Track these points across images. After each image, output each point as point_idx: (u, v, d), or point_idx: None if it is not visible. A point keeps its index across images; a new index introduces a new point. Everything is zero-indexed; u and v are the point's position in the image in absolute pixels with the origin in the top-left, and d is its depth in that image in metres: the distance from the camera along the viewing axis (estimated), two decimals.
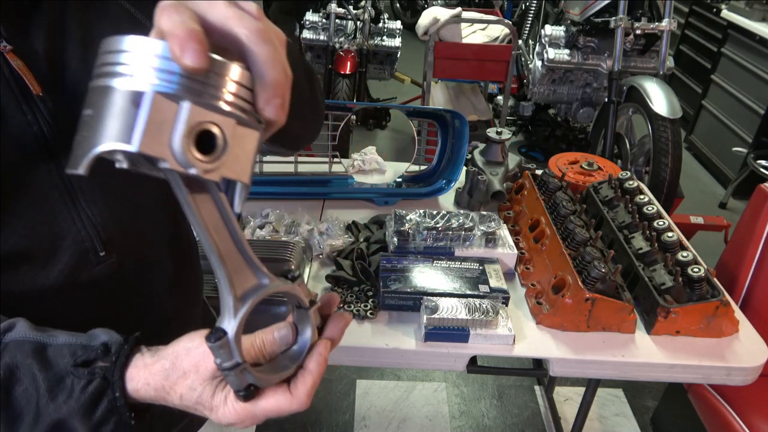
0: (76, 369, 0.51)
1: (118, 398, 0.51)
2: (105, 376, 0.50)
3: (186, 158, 0.37)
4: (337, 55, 3.01)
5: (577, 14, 2.92)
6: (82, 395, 0.50)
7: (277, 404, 0.49)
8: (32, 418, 0.51)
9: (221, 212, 0.43)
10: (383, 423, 1.95)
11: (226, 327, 0.45)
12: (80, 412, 0.50)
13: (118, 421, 0.52)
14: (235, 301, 0.45)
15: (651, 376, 1.11)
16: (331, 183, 1.52)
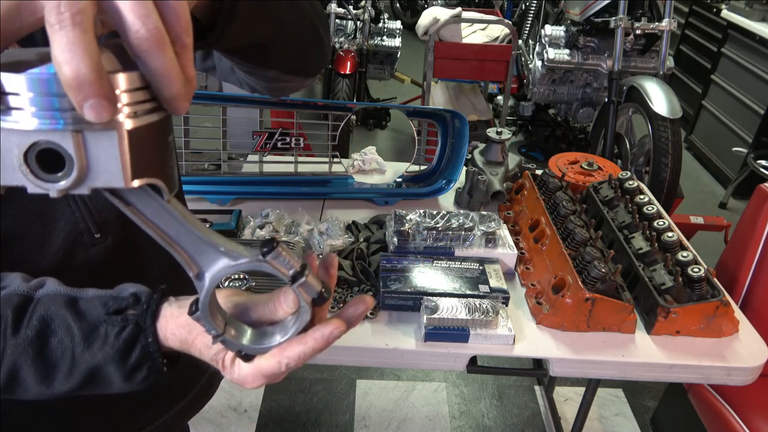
0: (109, 317, 0.52)
1: (151, 344, 0.52)
2: (138, 322, 0.52)
3: (36, 182, 0.36)
4: (337, 55, 3.01)
5: (577, 14, 2.92)
6: (116, 341, 0.52)
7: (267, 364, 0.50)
8: (68, 368, 0.52)
9: (160, 209, 0.42)
10: (383, 423, 1.95)
11: (200, 300, 0.46)
12: (115, 357, 0.52)
13: (151, 366, 0.53)
14: (195, 280, 0.45)
15: (651, 376, 1.11)
16: (331, 183, 1.52)
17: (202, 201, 1.41)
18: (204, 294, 0.45)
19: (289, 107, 1.48)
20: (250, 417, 1.94)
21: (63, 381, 0.53)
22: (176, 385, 0.81)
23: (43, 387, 0.53)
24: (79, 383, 0.53)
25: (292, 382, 2.08)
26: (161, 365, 0.54)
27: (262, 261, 0.44)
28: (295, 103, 1.48)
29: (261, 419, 1.94)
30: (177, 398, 0.81)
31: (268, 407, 1.99)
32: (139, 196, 0.41)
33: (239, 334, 0.49)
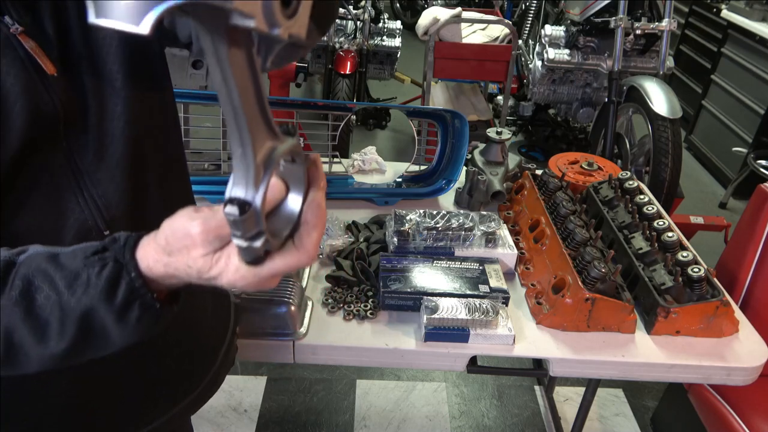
0: (89, 260, 0.52)
1: (135, 278, 0.52)
2: (117, 259, 0.52)
3: (274, 17, 0.36)
4: (337, 55, 3.01)
5: (577, 14, 2.92)
6: (98, 281, 0.51)
7: (285, 262, 0.49)
8: (58, 321, 0.52)
9: (251, 71, 0.41)
10: (383, 423, 1.95)
11: (248, 197, 0.43)
12: (101, 298, 0.51)
13: (141, 303, 0.53)
14: (257, 168, 0.43)
15: (651, 376, 1.11)
16: (331, 183, 1.52)
17: (203, 201, 1.41)
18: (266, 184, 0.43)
19: (289, 107, 1.48)
20: (250, 417, 1.94)
21: (58, 337, 0.52)
22: (184, 380, 0.81)
23: (40, 348, 0.53)
24: (74, 336, 0.53)
25: (292, 382, 2.08)
26: (152, 301, 0.53)
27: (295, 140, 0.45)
28: (295, 103, 1.48)
29: (261, 419, 1.94)
30: (185, 393, 0.81)
31: (268, 407, 1.99)
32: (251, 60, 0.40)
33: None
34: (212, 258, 0.49)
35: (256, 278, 0.50)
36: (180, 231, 0.49)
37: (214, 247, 0.49)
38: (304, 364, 2.12)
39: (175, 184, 0.79)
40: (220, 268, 0.50)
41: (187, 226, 0.49)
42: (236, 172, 0.43)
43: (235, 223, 0.43)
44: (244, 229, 0.44)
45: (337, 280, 1.19)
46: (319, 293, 1.17)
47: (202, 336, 0.85)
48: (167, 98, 0.75)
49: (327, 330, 1.09)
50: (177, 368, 0.79)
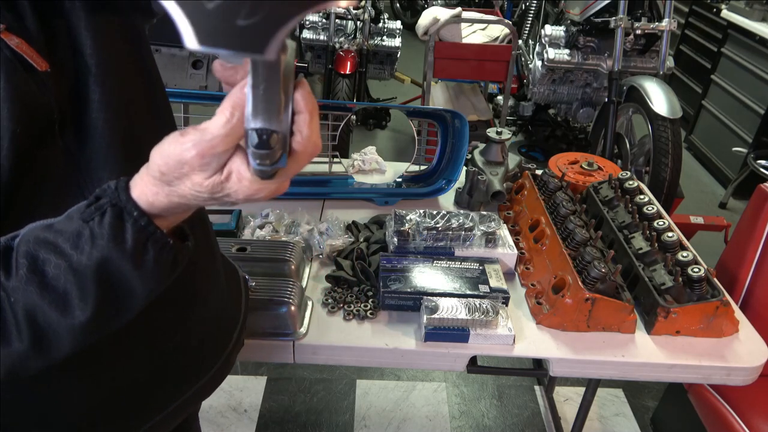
0: (84, 214, 0.50)
1: (139, 217, 0.50)
2: (113, 203, 0.50)
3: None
4: (337, 55, 3.01)
5: (577, 14, 2.92)
6: (101, 230, 0.50)
7: (298, 161, 0.49)
8: (76, 286, 0.50)
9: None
10: (383, 423, 1.95)
11: (274, 126, 0.42)
12: (111, 246, 0.50)
13: (154, 242, 0.51)
14: (282, 95, 0.42)
15: (651, 376, 1.11)
16: (331, 183, 1.52)
17: None
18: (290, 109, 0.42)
19: None
20: (250, 417, 1.94)
21: (81, 304, 0.50)
22: (197, 363, 0.80)
23: (67, 320, 0.50)
24: (97, 297, 0.51)
25: (293, 382, 2.08)
26: (163, 237, 0.52)
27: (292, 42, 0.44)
28: None
29: (261, 419, 1.94)
30: (198, 377, 0.80)
31: (268, 407, 1.99)
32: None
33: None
34: (219, 177, 0.48)
35: (275, 185, 0.50)
36: (173, 159, 0.47)
37: (215, 167, 0.48)
38: (304, 364, 2.12)
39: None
40: (233, 185, 0.49)
41: (179, 153, 0.47)
42: (257, 102, 0.42)
43: (262, 155, 0.43)
44: (271, 158, 0.43)
45: (337, 280, 1.19)
46: (319, 293, 1.17)
47: (218, 314, 0.84)
48: (154, 79, 0.72)
49: (327, 330, 1.09)
50: (194, 347, 0.78)
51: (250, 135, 0.42)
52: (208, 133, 0.46)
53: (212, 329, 0.82)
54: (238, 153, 0.48)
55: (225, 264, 0.89)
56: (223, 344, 0.85)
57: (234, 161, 0.48)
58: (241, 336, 0.90)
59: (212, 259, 0.82)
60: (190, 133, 0.47)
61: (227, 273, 0.88)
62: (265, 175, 0.47)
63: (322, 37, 3.18)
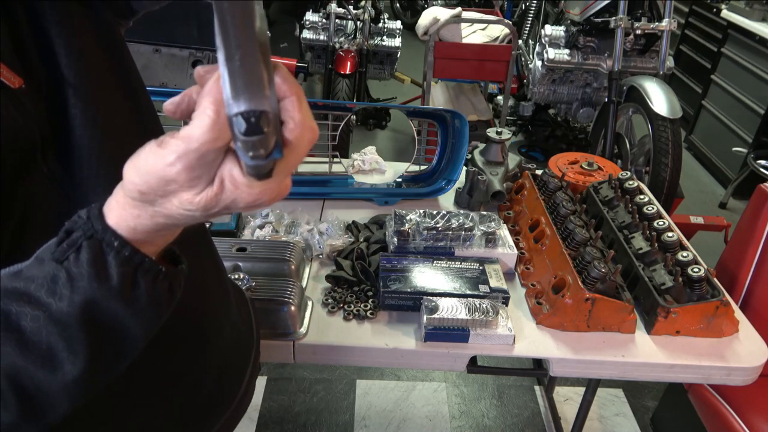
0: (56, 254, 0.43)
1: (121, 247, 0.43)
2: (88, 235, 0.43)
3: None
4: (337, 55, 3.01)
5: (577, 14, 2.92)
6: (80, 269, 0.43)
7: (296, 152, 0.41)
8: (61, 338, 0.43)
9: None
10: (383, 423, 1.95)
11: (263, 105, 0.35)
12: (94, 286, 0.43)
13: (144, 273, 0.44)
14: (263, 69, 0.36)
15: (651, 376, 1.11)
16: (331, 183, 1.52)
17: None
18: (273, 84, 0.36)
19: None
20: (250, 417, 1.94)
21: (72, 356, 0.44)
22: (218, 397, 0.75)
23: (56, 377, 0.44)
24: (87, 345, 0.44)
25: (293, 382, 2.08)
26: (153, 264, 0.45)
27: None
28: None
29: (261, 419, 1.94)
30: (221, 411, 0.75)
31: (268, 407, 1.99)
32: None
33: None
34: (212, 190, 0.41)
35: (275, 184, 0.42)
36: (155, 176, 0.40)
37: (206, 180, 0.41)
38: (304, 364, 2.12)
39: None
40: (228, 195, 0.41)
41: (161, 169, 0.40)
42: (236, 80, 0.35)
43: (255, 143, 0.36)
44: (265, 145, 0.37)
45: (337, 280, 1.19)
46: (319, 293, 1.17)
47: (233, 344, 0.78)
48: (137, 88, 0.64)
49: (327, 330, 1.09)
50: (213, 382, 0.73)
51: (235, 122, 0.36)
52: (194, 140, 0.38)
53: (229, 360, 0.77)
54: (228, 157, 0.41)
55: (233, 286, 0.83)
56: (241, 373, 0.79)
57: (224, 167, 0.41)
58: (257, 360, 0.85)
59: (220, 283, 0.76)
60: (170, 143, 0.39)
61: (237, 296, 0.82)
62: (262, 171, 0.40)
63: (322, 37, 3.18)
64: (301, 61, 2.75)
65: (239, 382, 0.79)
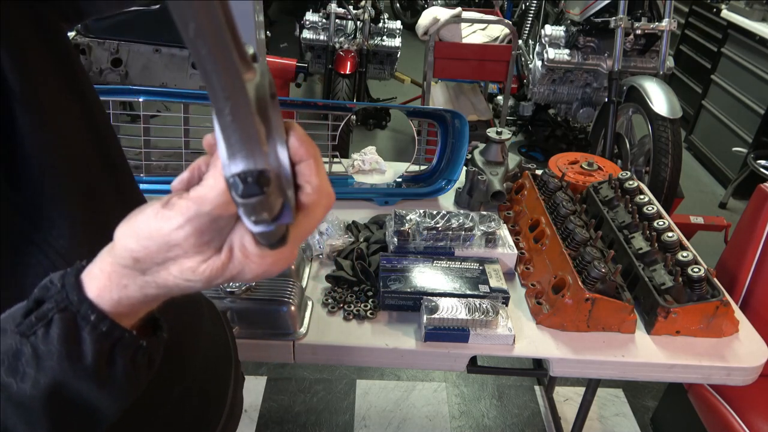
0: (22, 326, 0.38)
1: (99, 322, 0.38)
2: (61, 307, 0.38)
3: None
4: (337, 55, 3.01)
5: (577, 14, 2.92)
6: (49, 347, 0.37)
7: (310, 219, 0.39)
8: (22, 422, 0.39)
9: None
10: (383, 423, 1.95)
11: (260, 165, 0.32)
12: (64, 366, 0.38)
13: (123, 350, 0.39)
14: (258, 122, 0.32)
15: (651, 376, 1.11)
16: (331, 183, 1.51)
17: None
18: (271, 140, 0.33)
19: (289, 107, 1.48)
20: (250, 417, 1.94)
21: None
22: (205, 416, 0.72)
23: None
24: (52, 428, 0.39)
25: (293, 382, 2.08)
26: (133, 340, 0.40)
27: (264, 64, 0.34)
28: (295, 103, 1.48)
29: (261, 419, 1.94)
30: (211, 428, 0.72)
31: (268, 407, 1.99)
32: None
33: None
34: (219, 259, 0.37)
35: (288, 254, 0.38)
36: (157, 241, 0.36)
37: (215, 247, 0.37)
38: (304, 364, 2.12)
39: (131, 194, 0.64)
40: (236, 265, 0.37)
41: (167, 233, 0.35)
42: (230, 137, 0.32)
43: (258, 206, 0.33)
44: (270, 207, 0.33)
45: (337, 280, 1.19)
46: (319, 293, 1.17)
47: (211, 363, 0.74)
48: (89, 96, 0.58)
49: (327, 330, 1.09)
50: (195, 406, 0.69)
51: (232, 185, 0.32)
52: (207, 202, 0.34)
53: (209, 374, 0.73)
54: (240, 225, 0.37)
55: (203, 297, 0.79)
56: (224, 386, 0.76)
57: (235, 235, 0.37)
58: (238, 371, 0.82)
59: (195, 296, 0.72)
60: (178, 205, 0.35)
61: (208, 307, 0.78)
62: (272, 238, 0.36)
63: (322, 37, 3.18)
64: (301, 61, 2.75)
65: (224, 394, 0.76)
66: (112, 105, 1.34)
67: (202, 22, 0.28)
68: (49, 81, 0.52)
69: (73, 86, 0.56)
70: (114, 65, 2.59)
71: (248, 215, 0.34)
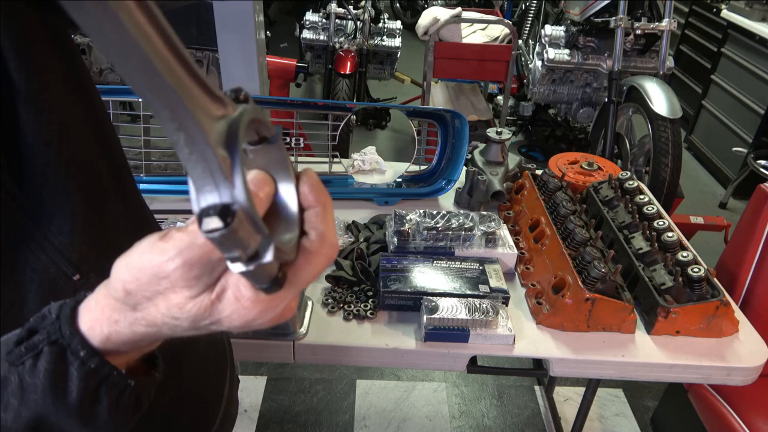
0: (12, 355, 0.38)
1: (87, 358, 0.38)
2: (52, 340, 0.38)
3: None
4: (337, 55, 3.01)
5: (577, 14, 2.92)
6: (35, 380, 0.37)
7: (312, 266, 0.37)
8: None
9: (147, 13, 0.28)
10: (383, 423, 1.95)
11: (225, 197, 0.31)
12: (48, 402, 0.38)
13: (109, 388, 0.39)
14: (218, 152, 0.30)
15: (651, 376, 1.11)
16: (331, 183, 1.52)
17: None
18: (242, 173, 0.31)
19: (289, 107, 1.48)
20: (250, 417, 1.94)
21: None
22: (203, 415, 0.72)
23: None
24: None
25: (293, 382, 2.08)
26: (121, 378, 0.39)
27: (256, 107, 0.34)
28: (295, 103, 1.48)
29: (261, 419, 1.94)
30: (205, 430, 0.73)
31: (268, 407, 1.99)
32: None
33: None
34: (209, 297, 0.36)
35: (281, 302, 0.37)
36: (147, 272, 0.35)
37: (205, 283, 0.35)
38: (304, 364, 2.12)
39: (131, 193, 0.64)
40: (226, 307, 0.36)
41: (158, 264, 0.34)
42: (193, 170, 0.31)
43: (225, 241, 0.31)
44: (240, 243, 0.31)
45: (337, 280, 1.19)
46: (319, 293, 1.17)
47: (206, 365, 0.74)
48: (92, 96, 0.59)
49: (327, 330, 1.09)
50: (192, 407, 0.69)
51: (199, 219, 0.31)
52: (199, 235, 0.33)
53: (205, 372, 0.74)
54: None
55: None
56: (220, 386, 0.77)
57: (230, 277, 0.36)
58: (233, 372, 0.83)
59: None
60: (174, 237, 0.34)
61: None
62: (259, 280, 0.34)
63: (322, 37, 3.19)
64: (301, 61, 2.75)
65: (220, 395, 0.76)
66: (112, 105, 1.34)
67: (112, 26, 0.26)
68: (55, 81, 0.52)
69: (78, 87, 0.56)
70: None
71: (222, 252, 0.32)
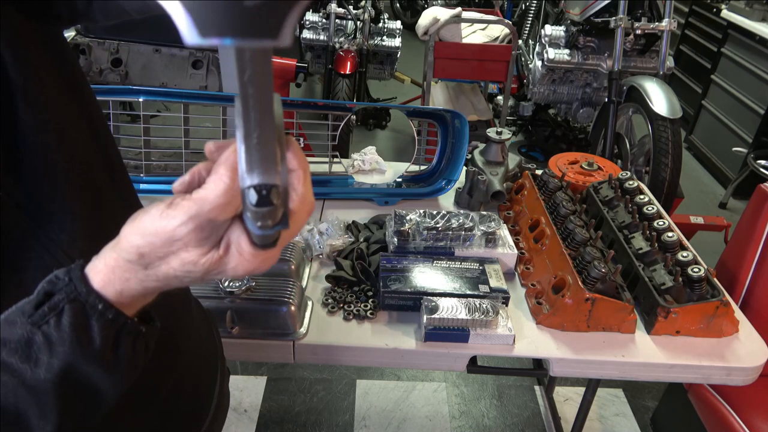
0: (34, 317, 0.42)
1: (106, 310, 0.42)
2: (71, 298, 0.42)
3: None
4: (337, 55, 3.01)
5: (577, 14, 2.92)
6: (62, 334, 0.41)
7: (295, 224, 0.42)
8: (34, 404, 0.42)
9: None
10: (383, 423, 1.95)
11: (272, 180, 0.38)
12: (76, 351, 0.42)
13: (128, 334, 0.44)
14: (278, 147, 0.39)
15: (651, 376, 1.11)
16: (331, 183, 1.52)
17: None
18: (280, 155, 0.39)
19: (289, 107, 1.48)
20: (250, 417, 1.94)
21: (42, 422, 0.42)
22: (196, 407, 0.74)
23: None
24: (60, 412, 0.43)
25: (292, 382, 2.08)
26: (135, 325, 0.44)
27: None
28: (295, 103, 1.48)
29: (261, 419, 1.94)
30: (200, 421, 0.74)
31: (268, 407, 1.99)
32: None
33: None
34: (217, 252, 0.42)
35: (275, 254, 0.43)
36: (161, 236, 0.40)
37: (213, 241, 0.42)
38: (304, 364, 2.12)
39: (128, 191, 0.67)
40: (232, 260, 0.42)
41: (171, 229, 0.40)
42: (252, 153, 0.38)
43: (264, 215, 0.39)
44: (273, 217, 0.39)
45: (337, 280, 1.19)
46: (319, 293, 1.17)
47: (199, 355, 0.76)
48: (87, 95, 0.60)
49: (327, 330, 1.09)
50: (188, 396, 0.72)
51: (247, 194, 0.38)
52: (207, 202, 0.40)
53: (199, 364, 0.76)
54: (235, 226, 0.42)
55: (192, 298, 0.82)
56: (213, 377, 0.79)
57: (232, 232, 0.42)
58: (224, 364, 0.85)
59: (186, 295, 0.76)
60: (181, 205, 0.40)
61: (197, 307, 0.82)
62: (267, 240, 0.42)
63: (322, 37, 3.18)
64: (301, 61, 2.74)
65: (213, 386, 0.78)
66: (112, 105, 1.34)
67: (256, 70, 0.35)
68: (50, 80, 0.54)
69: (72, 86, 0.58)
70: (114, 65, 2.59)
71: (255, 220, 0.40)
